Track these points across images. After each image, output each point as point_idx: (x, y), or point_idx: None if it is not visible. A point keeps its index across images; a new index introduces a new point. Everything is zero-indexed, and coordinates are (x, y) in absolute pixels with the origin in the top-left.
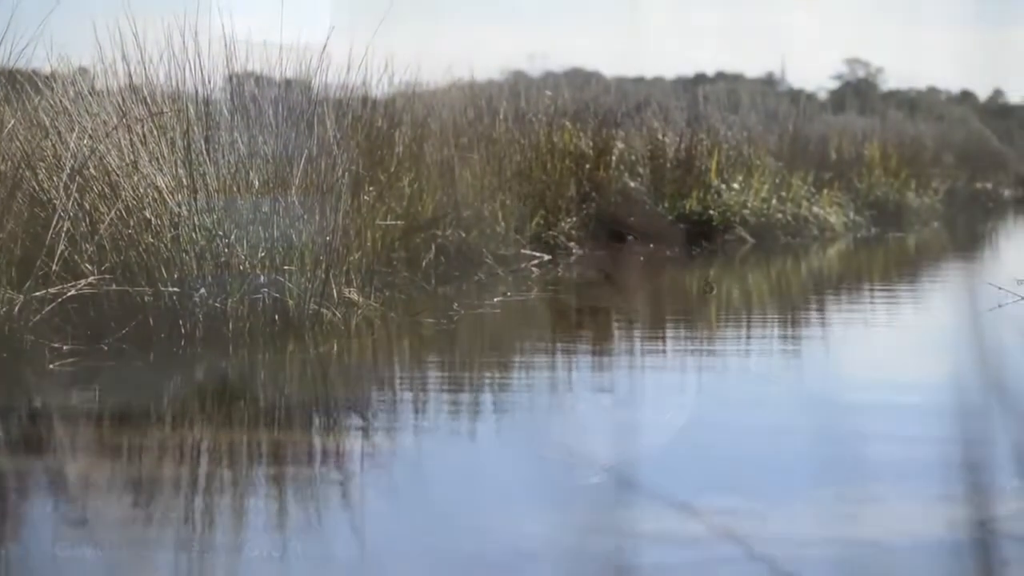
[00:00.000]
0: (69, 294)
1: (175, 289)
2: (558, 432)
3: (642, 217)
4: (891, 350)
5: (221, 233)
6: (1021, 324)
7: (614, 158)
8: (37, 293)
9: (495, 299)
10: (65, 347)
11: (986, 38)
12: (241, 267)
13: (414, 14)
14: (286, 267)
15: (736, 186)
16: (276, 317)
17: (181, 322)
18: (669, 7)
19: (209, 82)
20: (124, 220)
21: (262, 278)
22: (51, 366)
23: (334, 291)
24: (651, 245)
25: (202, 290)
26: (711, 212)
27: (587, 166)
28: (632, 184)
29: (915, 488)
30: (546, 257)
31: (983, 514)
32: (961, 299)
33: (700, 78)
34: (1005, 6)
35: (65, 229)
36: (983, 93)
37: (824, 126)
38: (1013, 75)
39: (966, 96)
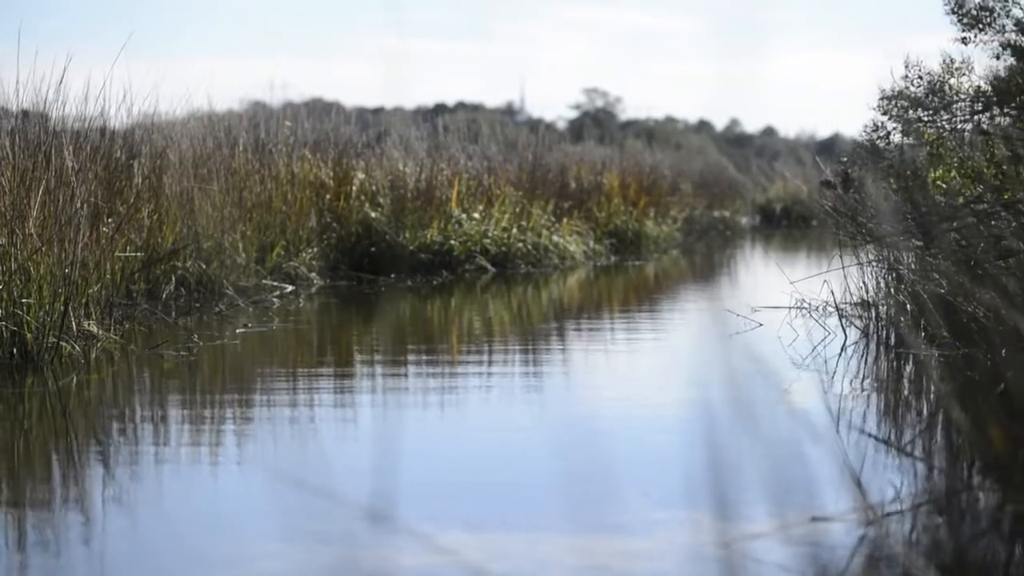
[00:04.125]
0: None
1: None
2: (296, 463)
3: (383, 247)
4: (628, 378)
5: None
6: (755, 350)
7: (355, 188)
8: None
9: (236, 330)
10: None
11: (723, 69)
12: None
13: (153, 43)
14: (24, 300)
15: (477, 216)
16: (14, 351)
17: None
18: (413, 36)
19: None
20: None
21: None
22: None
23: (73, 324)
24: (392, 275)
25: None
26: (452, 242)
27: (328, 196)
28: (373, 214)
29: (659, 512)
30: (288, 288)
31: (725, 535)
32: (698, 326)
33: (440, 108)
34: (742, 38)
35: None
36: (720, 122)
37: (563, 155)
38: (749, 104)
39: (703, 125)
